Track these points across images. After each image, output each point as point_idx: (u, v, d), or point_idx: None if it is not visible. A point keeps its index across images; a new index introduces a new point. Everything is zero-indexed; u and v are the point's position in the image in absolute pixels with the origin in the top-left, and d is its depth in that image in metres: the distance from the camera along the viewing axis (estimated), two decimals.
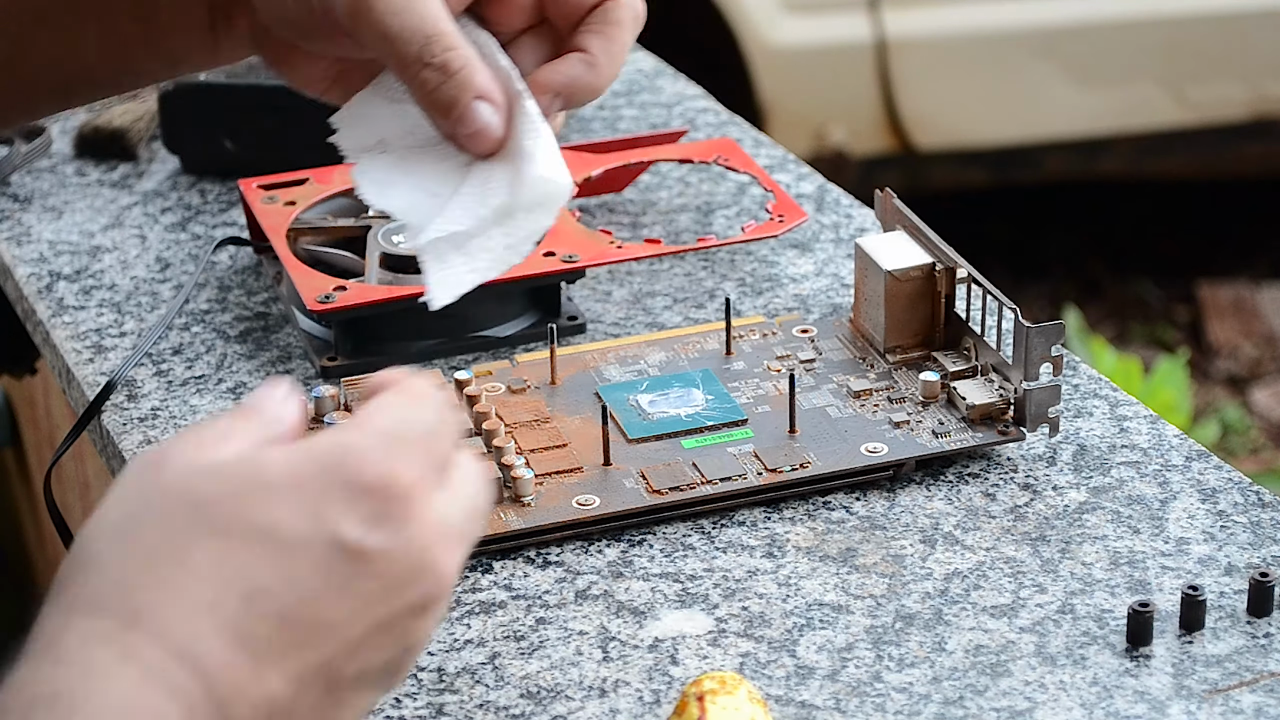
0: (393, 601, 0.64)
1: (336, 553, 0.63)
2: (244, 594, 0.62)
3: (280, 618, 0.62)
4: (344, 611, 0.63)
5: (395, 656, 0.65)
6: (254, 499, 0.63)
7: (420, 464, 0.65)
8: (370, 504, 0.63)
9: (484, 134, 0.76)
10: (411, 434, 0.66)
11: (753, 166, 1.12)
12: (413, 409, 0.67)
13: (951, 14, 2.95)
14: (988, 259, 3.15)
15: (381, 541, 0.63)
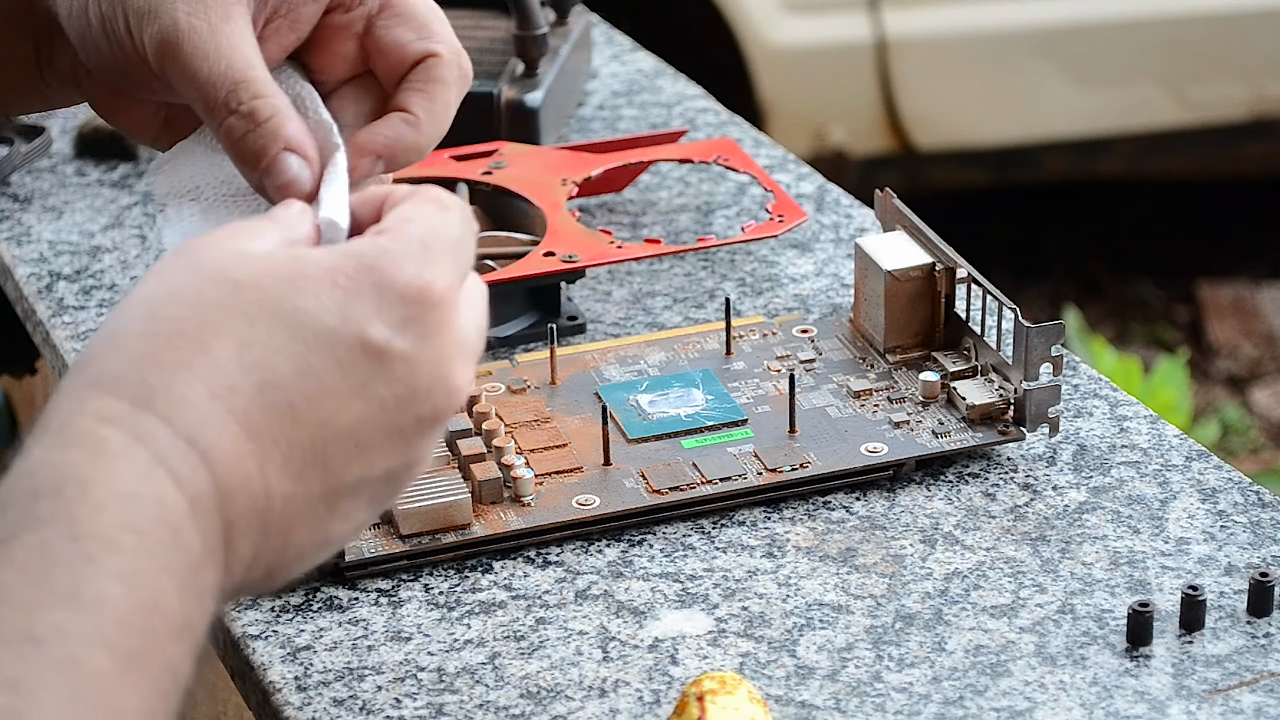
0: (407, 410, 0.65)
1: (360, 351, 0.63)
2: (260, 383, 0.62)
3: (292, 411, 0.62)
4: (356, 412, 0.63)
5: (396, 468, 0.65)
6: (290, 285, 0.63)
7: (451, 274, 0.66)
8: (402, 309, 0.64)
9: (292, 187, 0.73)
10: (444, 243, 0.66)
11: (753, 166, 1.12)
12: (443, 218, 0.67)
13: (951, 14, 2.95)
14: (988, 259, 3.15)
15: (407, 346, 0.64)
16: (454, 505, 0.87)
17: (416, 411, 0.65)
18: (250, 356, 0.62)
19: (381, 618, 0.84)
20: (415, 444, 0.66)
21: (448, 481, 0.88)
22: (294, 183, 0.73)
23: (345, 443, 0.63)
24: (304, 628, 0.83)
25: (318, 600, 0.85)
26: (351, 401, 0.63)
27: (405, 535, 0.86)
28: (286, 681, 0.81)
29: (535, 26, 1.18)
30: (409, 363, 0.64)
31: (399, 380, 0.64)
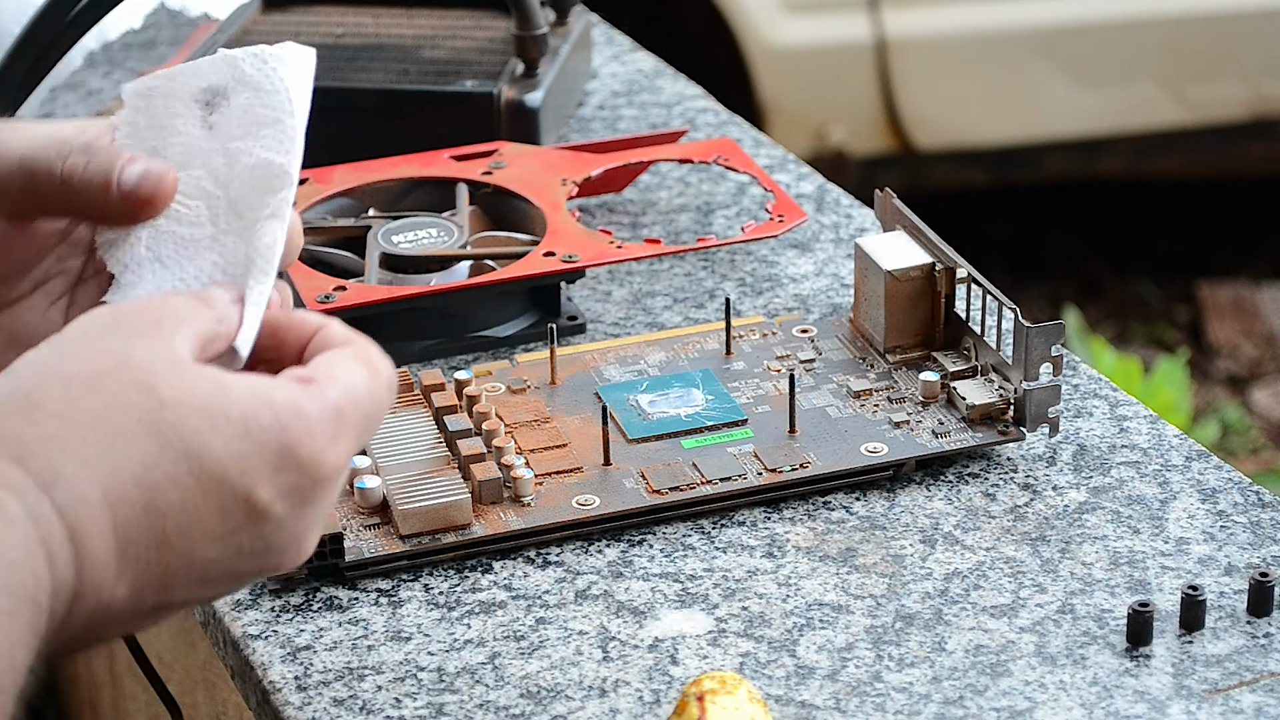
0: (257, 560, 0.67)
1: (243, 505, 0.65)
2: (148, 505, 0.64)
3: (164, 538, 0.64)
4: (215, 553, 0.66)
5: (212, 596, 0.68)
6: (207, 421, 0.65)
7: (351, 448, 0.68)
8: (294, 477, 0.66)
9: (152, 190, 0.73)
10: (357, 417, 0.68)
11: (753, 166, 1.12)
12: (368, 387, 0.69)
13: (951, 14, 2.95)
14: (988, 259, 3.15)
15: (283, 511, 0.66)
16: (454, 505, 0.87)
17: (264, 564, 0.68)
18: (149, 478, 0.64)
19: (381, 618, 0.84)
20: (244, 584, 0.69)
21: (448, 481, 0.88)
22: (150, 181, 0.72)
23: (194, 576, 0.66)
24: (304, 628, 0.83)
25: (318, 600, 0.85)
26: (215, 544, 0.66)
27: (405, 535, 0.86)
28: (286, 681, 0.81)
29: (535, 26, 1.18)
30: (279, 525, 0.67)
31: (263, 537, 0.67)
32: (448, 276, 1.02)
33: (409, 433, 0.91)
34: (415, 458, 0.89)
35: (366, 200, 1.09)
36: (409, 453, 0.89)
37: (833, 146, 2.95)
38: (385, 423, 0.91)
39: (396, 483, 0.88)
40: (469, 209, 1.08)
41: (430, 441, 0.90)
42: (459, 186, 1.09)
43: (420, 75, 1.20)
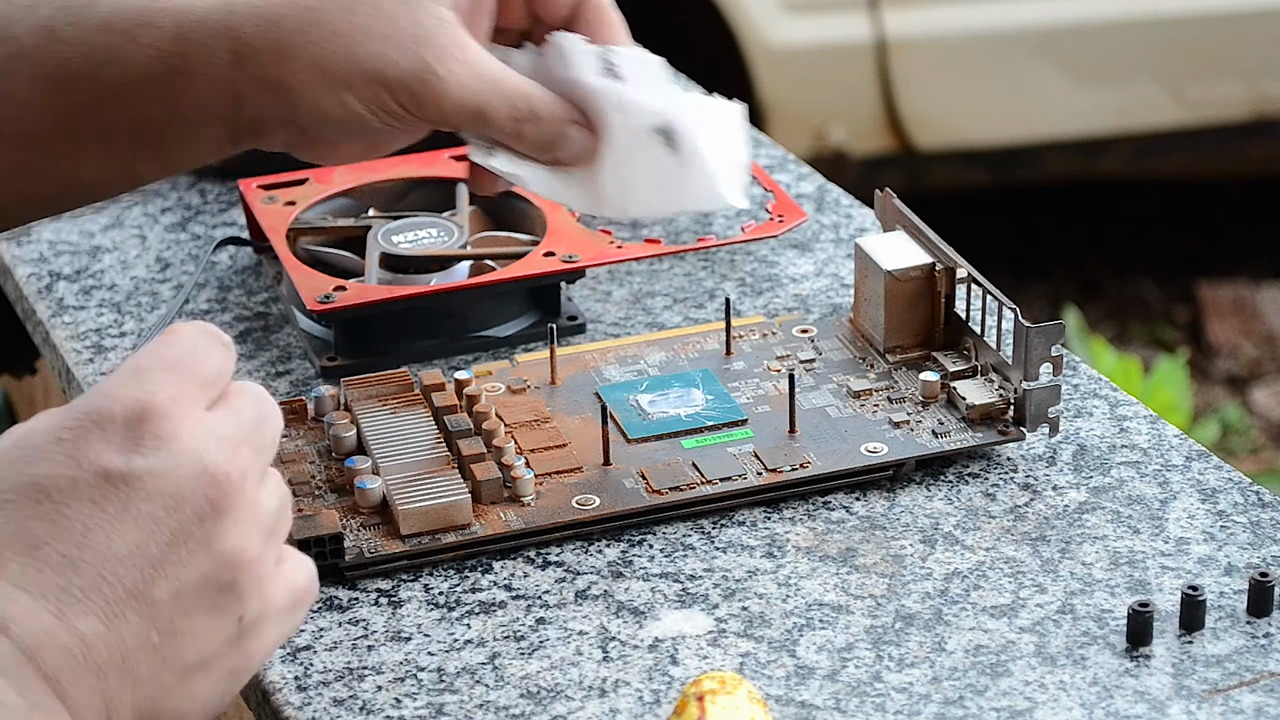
0: (177, 514, 0.66)
1: (105, 484, 0.65)
2: (27, 549, 0.63)
3: (68, 561, 0.64)
4: (131, 538, 0.65)
5: (210, 570, 0.66)
6: (21, 459, 0.65)
7: (172, 386, 0.67)
8: (128, 432, 0.65)
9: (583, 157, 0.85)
10: (158, 363, 0.67)
11: (752, 166, 1.12)
12: (161, 343, 0.68)
13: (951, 14, 2.95)
14: (988, 259, 3.15)
15: (146, 461, 0.65)
16: (454, 505, 0.87)
17: (189, 511, 0.66)
18: (9, 530, 0.64)
19: (381, 618, 0.84)
20: (213, 538, 0.66)
21: (448, 481, 0.88)
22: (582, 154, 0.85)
23: (134, 565, 0.65)
24: (304, 628, 0.83)
25: (318, 600, 0.85)
26: (120, 528, 0.65)
27: (405, 535, 0.86)
28: (286, 681, 0.81)
29: None
30: (156, 475, 0.65)
31: (156, 493, 0.65)
32: (448, 276, 1.02)
33: (409, 433, 0.91)
34: (415, 458, 0.89)
35: (366, 200, 1.09)
36: (409, 453, 0.89)
37: (833, 146, 2.95)
38: (385, 423, 0.91)
39: (396, 483, 0.88)
40: (469, 209, 1.08)
41: (430, 441, 0.90)
42: (459, 186, 1.09)
43: None
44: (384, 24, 0.81)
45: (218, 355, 0.69)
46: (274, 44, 0.80)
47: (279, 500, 0.70)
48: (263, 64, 0.81)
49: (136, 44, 0.81)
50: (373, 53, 0.81)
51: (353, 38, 0.80)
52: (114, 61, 0.81)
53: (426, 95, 0.81)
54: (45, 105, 0.83)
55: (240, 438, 0.68)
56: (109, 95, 0.82)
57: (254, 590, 0.68)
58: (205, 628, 0.66)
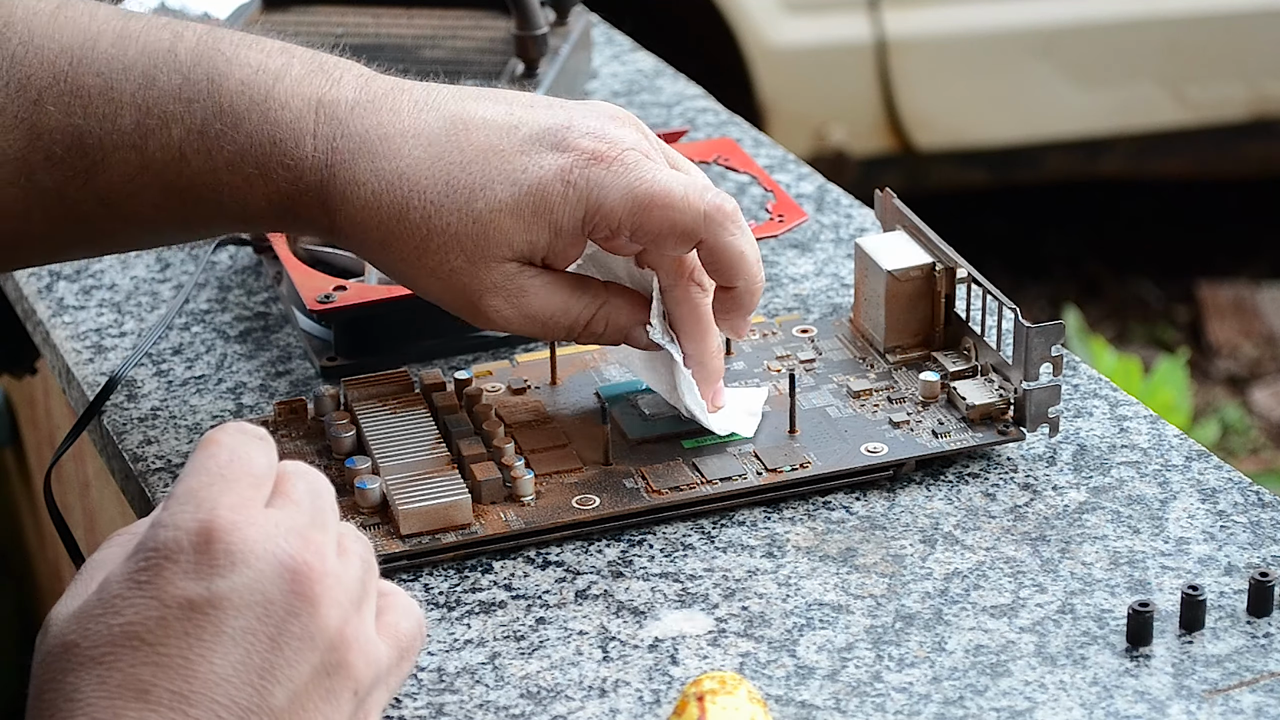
0: (270, 618, 0.67)
1: (194, 614, 0.66)
2: (137, 695, 0.65)
3: (179, 696, 0.65)
4: (233, 656, 0.66)
5: (319, 660, 0.68)
6: (109, 613, 0.67)
7: (229, 496, 0.68)
8: (196, 557, 0.67)
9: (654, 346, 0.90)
10: (207, 478, 0.69)
11: (753, 166, 1.12)
12: (204, 455, 0.70)
13: (951, 14, 2.95)
14: (988, 259, 3.15)
15: (226, 580, 0.67)
16: (454, 505, 0.87)
17: (280, 611, 0.68)
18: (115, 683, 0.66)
19: None
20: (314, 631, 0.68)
21: (448, 481, 0.88)
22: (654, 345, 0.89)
23: (243, 681, 0.66)
24: None
25: None
26: (220, 651, 0.66)
27: (405, 535, 0.86)
28: None
29: (535, 26, 1.18)
30: (239, 589, 0.67)
31: (244, 606, 0.67)
32: None
33: (409, 433, 0.91)
34: (415, 458, 0.89)
35: None
36: (409, 453, 0.89)
37: (833, 146, 2.95)
38: (385, 423, 0.91)
39: (396, 483, 0.88)
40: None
41: (430, 441, 0.90)
42: None
43: (420, 75, 1.19)
44: (445, 270, 0.86)
45: (260, 451, 0.71)
46: (356, 243, 0.88)
47: (360, 559, 0.71)
48: (349, 244, 0.88)
49: (255, 192, 0.87)
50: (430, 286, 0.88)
51: (418, 270, 0.87)
52: (235, 200, 0.87)
53: (483, 324, 0.89)
54: (171, 210, 0.88)
55: (305, 522, 0.70)
56: (228, 219, 0.89)
57: (362, 660, 0.69)
58: (326, 715, 0.68)
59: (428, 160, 0.85)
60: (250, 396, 0.99)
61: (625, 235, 0.86)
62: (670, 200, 0.85)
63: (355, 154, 0.86)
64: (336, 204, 0.86)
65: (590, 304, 0.89)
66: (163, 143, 0.86)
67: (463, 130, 0.86)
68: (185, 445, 0.95)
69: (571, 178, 0.85)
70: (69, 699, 0.65)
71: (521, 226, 0.85)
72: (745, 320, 0.90)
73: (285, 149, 0.86)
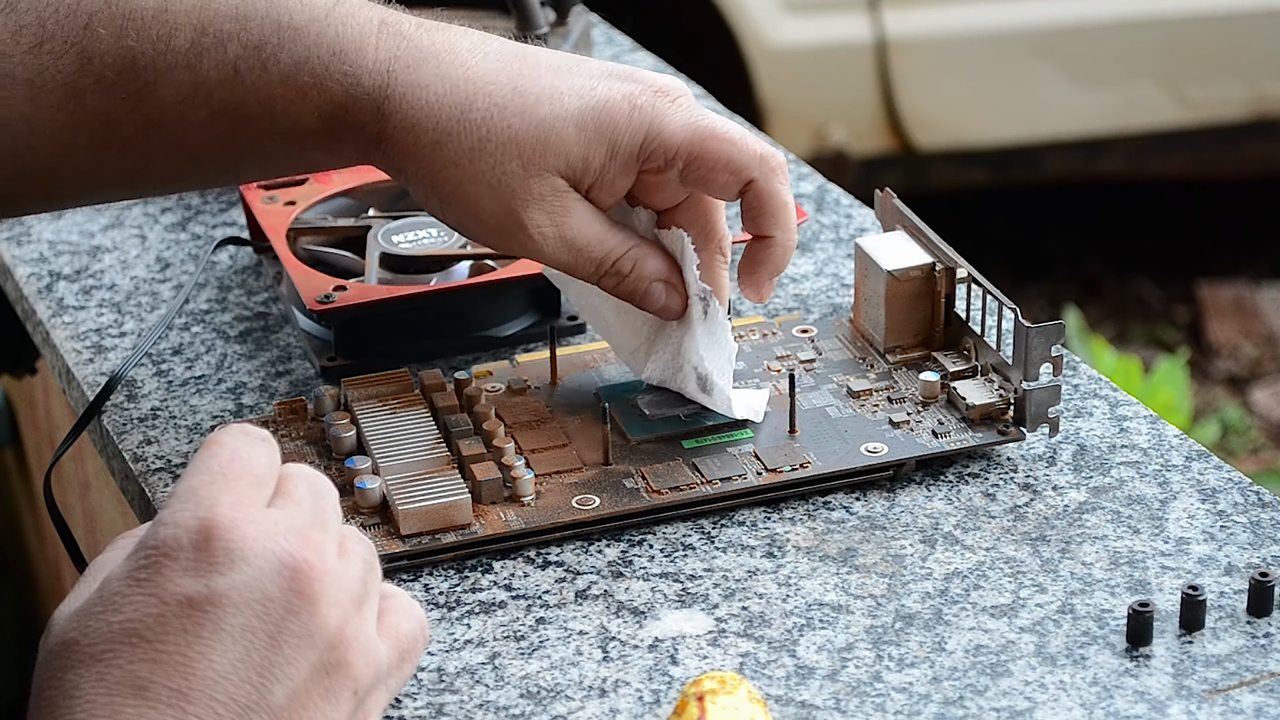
0: (269, 616, 0.67)
1: (192, 611, 0.66)
2: (135, 692, 0.65)
3: (178, 693, 0.65)
4: (232, 654, 0.66)
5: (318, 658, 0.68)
6: (108, 610, 0.67)
7: (228, 494, 0.69)
8: (195, 555, 0.67)
9: (667, 310, 0.91)
10: (208, 477, 0.69)
11: None
12: (206, 455, 0.71)
13: (951, 14, 2.95)
14: (988, 259, 3.15)
15: (225, 578, 0.67)
16: (454, 505, 0.87)
17: (279, 609, 0.68)
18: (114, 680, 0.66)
19: None
20: (313, 629, 0.68)
21: (448, 481, 0.88)
22: (666, 307, 0.91)
23: (242, 679, 0.66)
24: None
25: None
26: (219, 648, 0.66)
27: (405, 535, 0.86)
28: None
29: (535, 26, 1.18)
30: (238, 587, 0.67)
31: (243, 603, 0.67)
32: (448, 276, 1.02)
33: (409, 433, 0.91)
34: (415, 458, 0.89)
35: (366, 200, 1.09)
36: (409, 453, 0.89)
37: (833, 146, 2.95)
38: (385, 423, 0.91)
39: (396, 483, 0.88)
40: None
41: (430, 441, 0.90)
42: None
43: None
44: (496, 175, 0.87)
45: (262, 452, 0.71)
46: (405, 149, 0.87)
47: (362, 560, 0.71)
48: (392, 156, 0.88)
49: (308, 104, 0.87)
50: (474, 193, 0.87)
51: (467, 174, 0.87)
52: (287, 114, 0.87)
53: (514, 244, 0.89)
54: (218, 133, 0.88)
55: (306, 522, 0.70)
56: (275, 138, 0.89)
57: (361, 660, 0.69)
58: (325, 714, 0.68)
59: (495, 69, 0.87)
60: (250, 396, 0.99)
61: (678, 166, 0.88)
62: (730, 135, 0.88)
63: (421, 60, 0.87)
64: (394, 106, 0.86)
65: (625, 242, 0.89)
66: (217, 61, 0.86)
67: (531, 55, 0.88)
68: (185, 445, 0.95)
69: (639, 102, 0.87)
70: (68, 696, 0.65)
71: (583, 139, 0.87)
72: (770, 281, 0.91)
73: (346, 57, 0.86)
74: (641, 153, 0.87)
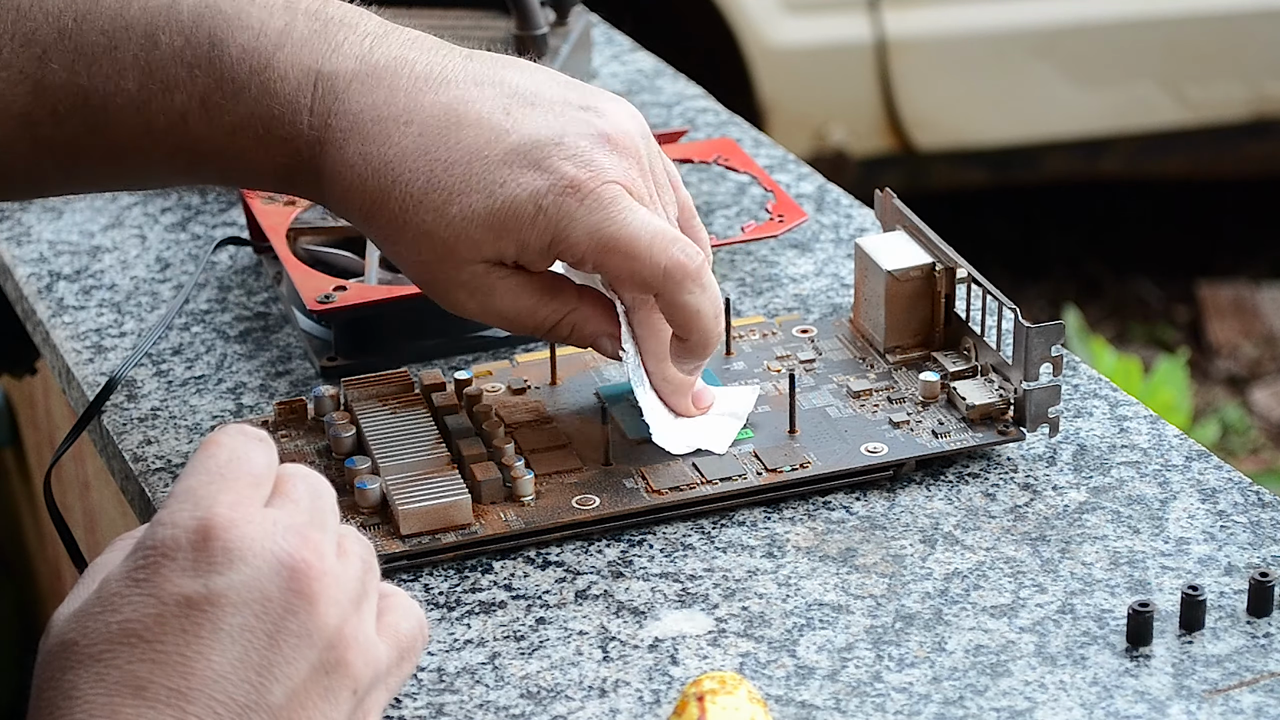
0: (267, 615, 0.67)
1: (191, 610, 0.66)
2: (134, 692, 0.65)
3: (176, 693, 0.65)
4: (231, 653, 0.66)
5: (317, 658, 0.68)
6: (106, 610, 0.67)
7: (226, 494, 0.69)
8: (193, 554, 0.67)
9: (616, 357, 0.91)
10: (206, 477, 0.69)
11: (753, 166, 1.12)
12: (203, 455, 0.71)
13: (951, 14, 2.95)
14: (988, 259, 3.15)
15: (223, 578, 0.67)
16: (454, 505, 0.87)
17: (278, 609, 0.68)
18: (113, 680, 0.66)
19: None
20: (312, 628, 0.68)
21: (448, 481, 0.88)
22: (616, 356, 0.90)
23: (241, 679, 0.66)
24: None
25: None
26: (218, 648, 0.66)
27: (405, 535, 0.86)
28: None
29: (535, 26, 1.18)
30: (236, 586, 0.67)
31: (241, 603, 0.67)
32: None
33: (409, 433, 0.91)
34: (415, 458, 0.89)
35: None
36: (409, 453, 0.89)
37: (833, 146, 2.95)
38: (385, 423, 0.91)
39: (396, 483, 0.88)
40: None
41: (430, 441, 0.90)
42: None
43: None
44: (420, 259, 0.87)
45: (260, 452, 0.71)
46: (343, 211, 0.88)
47: (360, 560, 0.71)
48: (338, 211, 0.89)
49: (259, 154, 0.87)
50: (405, 264, 0.88)
51: (395, 249, 0.88)
52: (240, 160, 0.88)
53: (449, 310, 0.89)
54: (179, 168, 0.90)
55: (304, 521, 0.70)
56: (234, 175, 0.90)
57: (360, 659, 0.69)
58: (324, 713, 0.68)
59: (415, 152, 0.86)
60: (250, 396, 0.99)
61: (588, 268, 0.87)
62: (634, 249, 0.85)
63: (347, 134, 0.86)
64: (327, 180, 0.87)
65: (558, 309, 0.89)
66: (165, 107, 0.87)
67: (454, 127, 0.86)
68: (185, 445, 0.95)
69: (544, 203, 0.85)
70: (67, 696, 0.65)
71: (491, 238, 0.86)
72: (698, 366, 0.91)
73: (283, 123, 0.86)
74: (550, 252, 0.87)
